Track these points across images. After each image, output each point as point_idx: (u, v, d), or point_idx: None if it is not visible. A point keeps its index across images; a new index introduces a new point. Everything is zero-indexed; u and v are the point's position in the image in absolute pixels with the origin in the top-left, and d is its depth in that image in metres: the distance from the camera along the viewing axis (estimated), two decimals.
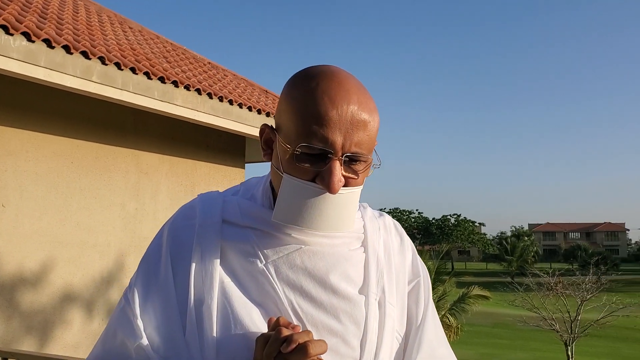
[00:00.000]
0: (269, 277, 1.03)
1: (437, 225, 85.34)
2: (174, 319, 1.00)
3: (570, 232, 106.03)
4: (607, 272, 33.03)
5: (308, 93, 0.98)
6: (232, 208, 1.09)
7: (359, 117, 0.97)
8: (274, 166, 1.05)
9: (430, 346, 1.17)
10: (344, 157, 0.98)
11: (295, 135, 0.98)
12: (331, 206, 1.00)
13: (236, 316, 1.00)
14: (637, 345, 35.70)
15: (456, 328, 23.37)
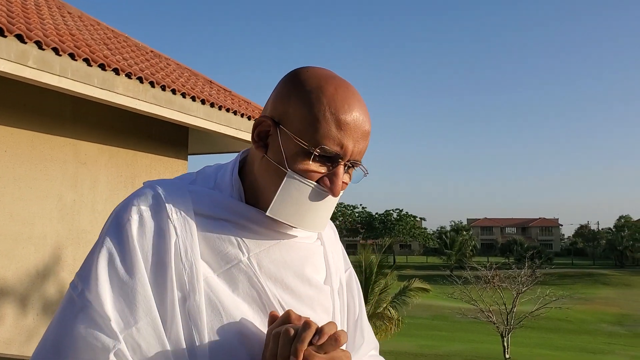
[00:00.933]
0: (252, 270, 1.02)
1: (380, 219, 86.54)
2: (154, 319, 0.95)
3: (507, 227, 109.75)
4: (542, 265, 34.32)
5: (329, 96, 1.00)
6: (201, 199, 1.05)
7: (366, 128, 1.03)
8: (270, 160, 1.03)
9: (369, 334, 1.24)
10: (348, 163, 1.03)
11: (312, 135, 0.99)
12: (325, 208, 1.04)
13: (227, 312, 0.98)
14: (568, 336, 37.37)
15: (397, 320, 23.79)
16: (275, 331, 0.93)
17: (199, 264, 0.99)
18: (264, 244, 1.06)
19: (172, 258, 0.98)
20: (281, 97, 1.04)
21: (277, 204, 1.01)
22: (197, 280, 0.97)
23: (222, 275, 1.01)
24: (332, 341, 0.91)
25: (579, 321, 42.13)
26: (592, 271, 70.43)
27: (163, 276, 0.97)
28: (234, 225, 1.05)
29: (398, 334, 24.96)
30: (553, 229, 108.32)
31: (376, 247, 30.29)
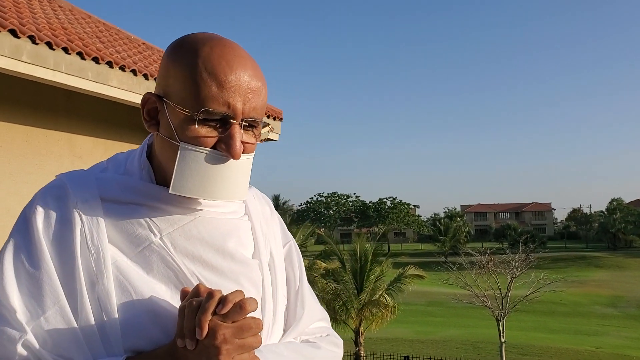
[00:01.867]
0: (167, 251, 1.02)
1: (374, 208, 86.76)
2: (63, 307, 0.95)
3: (501, 213, 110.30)
4: (535, 250, 34.52)
5: (204, 57, 0.97)
6: (109, 185, 1.05)
7: (255, 84, 0.99)
8: (163, 136, 1.01)
9: (312, 305, 1.23)
10: (243, 123, 0.99)
11: (193, 99, 0.96)
12: (232, 174, 1.00)
13: (138, 293, 0.98)
14: (562, 319, 37.76)
15: (393, 307, 23.96)
16: (181, 305, 0.93)
17: (106, 249, 0.99)
18: (178, 222, 1.04)
19: (78, 245, 0.98)
20: (162, 71, 1.03)
21: (178, 179, 0.98)
22: (104, 265, 0.97)
23: (134, 258, 1.00)
24: (237, 309, 0.90)
25: (573, 304, 42.56)
26: (585, 254, 71.03)
27: (70, 264, 0.97)
28: (143, 208, 1.03)
29: (394, 320, 25.15)
30: (546, 213, 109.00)
31: (370, 235, 30.42)
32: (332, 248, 27.32)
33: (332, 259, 27.23)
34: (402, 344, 27.66)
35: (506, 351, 22.50)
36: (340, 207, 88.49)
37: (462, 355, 24.37)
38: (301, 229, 30.34)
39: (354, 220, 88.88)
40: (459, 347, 27.32)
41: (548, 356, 25.32)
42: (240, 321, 0.91)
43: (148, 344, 0.96)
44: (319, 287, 25.30)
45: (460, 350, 26.69)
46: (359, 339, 24.49)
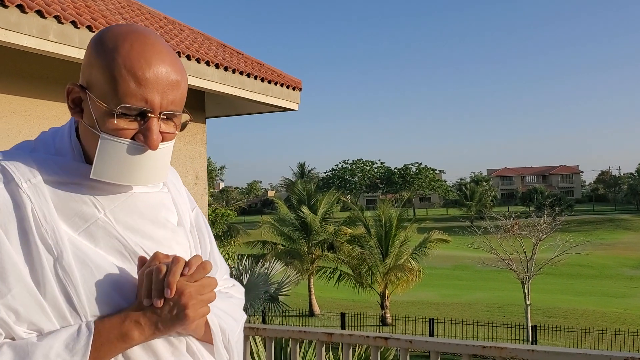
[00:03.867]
0: (110, 224, 1.11)
1: (399, 174, 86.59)
2: (27, 284, 1.01)
3: (527, 176, 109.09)
4: (562, 213, 34.33)
5: (124, 54, 1.04)
6: (48, 166, 1.10)
7: (172, 78, 1.07)
8: (86, 125, 1.09)
9: (221, 261, 1.37)
10: (161, 115, 1.07)
11: (113, 95, 1.03)
12: (150, 161, 1.09)
13: (95, 265, 1.07)
14: (588, 281, 37.66)
15: (418, 271, 24.24)
16: (148, 270, 1.04)
17: (59, 227, 1.05)
18: (116, 199, 1.13)
19: (32, 225, 1.03)
20: (86, 63, 1.09)
21: (98, 165, 1.06)
22: (61, 241, 1.04)
23: (82, 234, 1.08)
24: (200, 270, 1.06)
25: (600, 266, 42.34)
26: (613, 217, 70.11)
27: (27, 243, 1.02)
28: (83, 187, 1.10)
29: (419, 284, 25.46)
30: (574, 176, 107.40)
31: (395, 201, 30.48)
32: (357, 214, 27.57)
33: (358, 225, 27.52)
34: (428, 307, 28.01)
35: (532, 313, 22.69)
36: (365, 173, 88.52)
37: (487, 318, 24.62)
38: (326, 196, 30.60)
39: (379, 187, 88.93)
40: (484, 310, 27.58)
41: (574, 318, 25.41)
42: (201, 280, 1.06)
43: (111, 309, 1.06)
44: (345, 252, 25.67)
45: (485, 312, 26.95)
46: (385, 302, 24.90)
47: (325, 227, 27.75)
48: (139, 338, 1.05)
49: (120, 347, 1.04)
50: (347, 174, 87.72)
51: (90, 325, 1.03)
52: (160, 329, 1.05)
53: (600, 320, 24.95)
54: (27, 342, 0.99)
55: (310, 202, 29.62)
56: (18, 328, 1.00)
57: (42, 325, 1.01)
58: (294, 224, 28.02)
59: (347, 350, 3.13)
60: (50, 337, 1.00)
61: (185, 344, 1.13)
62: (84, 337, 1.01)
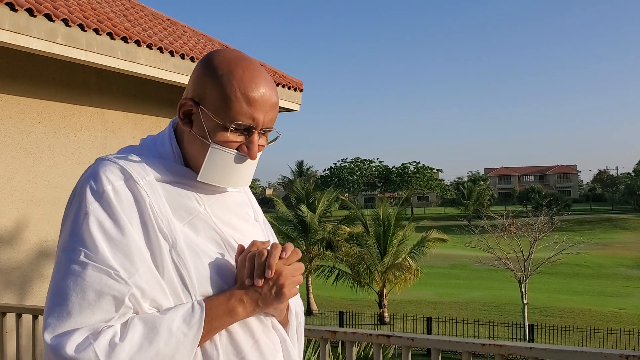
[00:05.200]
0: (209, 217, 1.29)
1: (397, 173, 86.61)
2: (150, 267, 1.16)
3: (525, 176, 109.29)
4: (559, 212, 34.40)
5: (238, 78, 1.22)
6: (157, 167, 1.26)
7: (273, 100, 1.26)
8: (196, 134, 1.25)
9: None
10: (261, 131, 1.27)
11: (227, 112, 1.21)
12: (247, 168, 1.29)
13: (202, 251, 1.24)
14: (585, 280, 37.79)
15: (416, 270, 24.31)
16: (250, 254, 1.22)
17: (172, 218, 1.22)
18: (212, 196, 1.32)
19: (151, 216, 1.19)
20: (199, 81, 1.26)
21: (206, 170, 1.25)
22: (175, 230, 1.21)
23: (186, 225, 1.25)
24: (294, 254, 1.26)
25: (597, 266, 42.48)
26: (610, 216, 70.31)
27: (148, 232, 1.18)
28: (186, 185, 1.28)
29: (417, 283, 25.55)
30: (571, 175, 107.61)
31: (394, 200, 30.60)
32: (355, 213, 27.65)
33: (356, 223, 27.59)
34: (426, 306, 28.12)
35: (529, 312, 22.81)
36: (363, 172, 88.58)
37: (485, 317, 24.74)
38: (325, 194, 30.68)
39: (378, 185, 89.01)
40: (481, 309, 27.69)
41: (571, 317, 25.54)
42: (294, 263, 1.26)
43: (215, 289, 1.23)
44: (343, 251, 25.74)
45: (483, 311, 27.06)
46: (383, 301, 24.99)
47: (323, 225, 27.81)
48: (242, 313, 1.22)
49: (227, 321, 1.21)
50: (345, 173, 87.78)
51: (201, 302, 1.19)
52: (260, 306, 1.23)
53: (597, 319, 25.09)
54: (154, 316, 1.14)
55: (309, 200, 29.69)
56: (144, 304, 1.15)
57: (161, 302, 1.17)
58: (293, 222, 28.09)
59: (350, 348, 3.21)
60: (171, 312, 1.15)
61: (271, 322, 1.31)
62: (198, 312, 1.17)
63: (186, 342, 1.14)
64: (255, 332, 1.25)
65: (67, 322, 1.11)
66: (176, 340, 1.13)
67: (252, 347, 1.24)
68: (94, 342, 1.09)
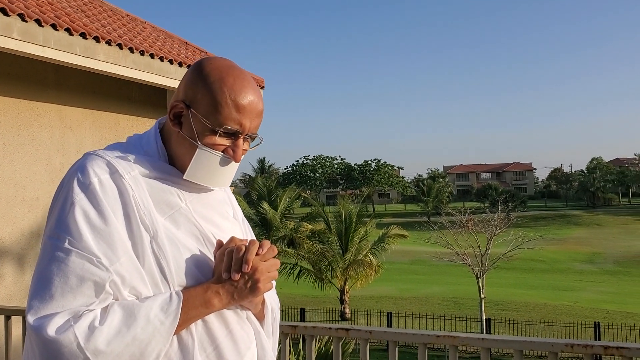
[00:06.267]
0: (190, 212, 1.35)
1: (359, 170, 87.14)
2: (131, 256, 1.23)
3: (482, 173, 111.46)
4: (515, 209, 35.30)
5: (229, 86, 1.30)
6: (141, 163, 1.33)
7: (259, 108, 1.35)
8: (185, 135, 1.33)
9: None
10: (247, 136, 1.35)
11: (217, 117, 1.29)
12: (230, 170, 1.37)
13: (181, 244, 1.30)
14: (541, 275, 38.84)
15: (377, 266, 24.56)
16: (229, 249, 1.29)
17: (154, 211, 1.29)
18: (193, 194, 1.38)
19: (134, 209, 1.25)
20: (191, 85, 1.34)
21: (192, 170, 1.33)
22: (156, 223, 1.27)
23: (168, 219, 1.31)
24: (270, 251, 1.33)
25: (552, 261, 43.70)
26: (564, 212, 72.42)
27: (130, 223, 1.25)
28: (169, 182, 1.35)
29: (378, 279, 25.82)
30: (527, 173, 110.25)
31: (355, 197, 30.85)
32: (317, 210, 27.75)
33: (318, 220, 27.69)
34: (386, 302, 28.45)
35: (486, 307, 23.29)
36: (325, 169, 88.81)
37: (443, 311, 25.19)
38: (287, 191, 30.69)
39: (339, 183, 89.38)
40: (440, 304, 28.18)
41: (527, 311, 26.21)
42: (270, 260, 1.33)
43: (193, 281, 1.29)
44: (305, 248, 25.81)
45: (441, 306, 27.54)
46: (344, 297, 25.17)
47: (285, 223, 27.83)
48: (218, 305, 1.28)
49: (203, 311, 1.27)
50: (307, 170, 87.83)
51: (179, 293, 1.25)
52: (235, 299, 1.29)
53: (551, 313, 25.81)
54: (133, 303, 1.20)
55: (271, 198, 29.65)
56: (124, 291, 1.21)
57: (140, 290, 1.23)
58: (254, 220, 28.01)
59: (310, 342, 3.27)
60: (150, 300, 1.21)
61: (246, 315, 1.37)
62: (175, 302, 1.23)
63: (163, 329, 1.20)
64: (230, 323, 1.31)
65: (50, 305, 1.16)
66: (153, 327, 1.18)
67: (226, 336, 1.30)
68: (75, 325, 1.14)
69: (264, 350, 1.38)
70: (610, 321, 21.59)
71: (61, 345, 1.12)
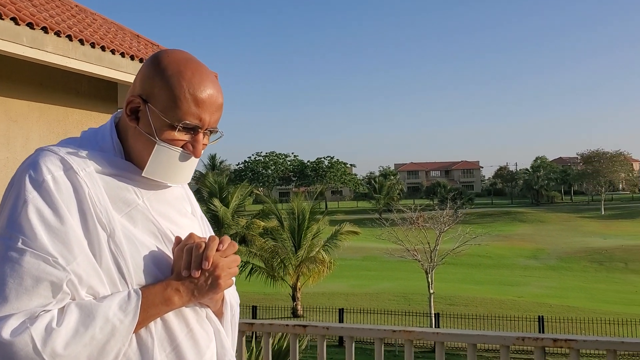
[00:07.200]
0: (148, 210, 1.32)
1: (312, 167, 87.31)
2: (87, 255, 1.19)
3: (432, 171, 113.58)
4: (463, 206, 36.07)
5: (187, 80, 1.26)
6: (98, 159, 1.29)
7: (219, 102, 1.32)
8: (142, 131, 1.29)
9: None
10: (206, 131, 1.32)
11: (176, 112, 1.26)
12: (190, 165, 1.34)
13: (139, 242, 1.27)
14: (488, 270, 39.93)
15: (329, 263, 24.71)
16: (188, 246, 1.26)
17: (110, 209, 1.25)
18: (151, 189, 1.35)
19: (90, 206, 1.22)
20: (148, 79, 1.30)
21: (151, 167, 1.30)
22: (113, 221, 1.24)
23: (124, 217, 1.28)
24: (231, 247, 1.30)
25: (498, 256, 44.96)
26: (510, 210, 74.57)
27: (86, 221, 1.21)
28: (126, 178, 1.31)
29: (330, 275, 25.97)
30: (474, 171, 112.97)
31: (308, 194, 30.93)
32: (270, 207, 27.66)
33: (271, 217, 27.61)
34: (338, 298, 28.64)
35: (435, 301, 23.74)
36: (278, 166, 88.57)
37: (394, 307, 25.55)
38: (239, 188, 30.46)
39: (292, 180, 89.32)
40: (391, 299, 28.58)
41: (474, 306, 26.88)
42: (230, 256, 1.30)
43: (151, 279, 1.26)
44: (257, 245, 25.70)
45: (392, 301, 27.94)
46: (296, 294, 25.20)
47: (237, 220, 27.64)
48: (178, 302, 1.26)
49: (163, 309, 1.24)
50: (260, 167, 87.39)
51: (138, 291, 1.22)
52: (195, 296, 1.27)
53: (497, 307, 26.54)
54: (90, 302, 1.17)
55: (222, 195, 29.36)
56: (81, 291, 1.18)
57: (98, 290, 1.20)
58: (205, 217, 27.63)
59: (267, 339, 3.27)
60: (108, 300, 1.18)
61: (205, 313, 1.35)
62: (134, 300, 1.20)
63: (122, 328, 1.17)
64: (190, 322, 1.29)
65: (4, 307, 1.12)
66: (112, 326, 1.16)
67: (186, 335, 1.28)
68: (31, 327, 1.11)
69: (224, 349, 1.36)
70: (553, 315, 22.41)
71: (17, 348, 1.09)
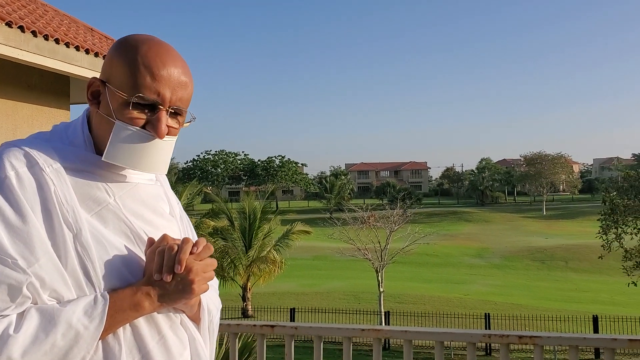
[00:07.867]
0: (119, 209, 1.24)
1: (263, 166, 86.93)
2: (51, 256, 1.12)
3: (381, 171, 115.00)
4: (412, 205, 36.69)
5: (142, 53, 1.20)
6: (66, 154, 1.21)
7: (182, 79, 1.23)
8: (102, 114, 1.22)
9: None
10: (170, 110, 1.22)
11: (130, 86, 1.18)
12: (156, 151, 1.23)
13: (109, 243, 1.19)
14: (435, 269, 40.75)
15: (280, 262, 24.63)
16: (160, 249, 1.18)
17: (78, 208, 1.17)
18: (124, 187, 1.27)
19: (56, 205, 1.14)
20: (107, 61, 1.26)
21: (111, 149, 1.20)
22: (80, 220, 1.16)
23: (94, 216, 1.20)
24: (206, 250, 1.23)
25: (445, 255, 45.97)
26: (456, 209, 76.38)
27: (51, 221, 1.13)
28: (96, 175, 1.23)
29: (281, 275, 25.89)
30: (422, 171, 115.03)
31: (259, 193, 30.73)
32: (220, 206, 27.32)
33: (221, 217, 27.26)
34: (289, 297, 28.61)
35: (384, 300, 24.04)
36: (228, 165, 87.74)
37: (344, 305, 25.73)
38: (187, 187, 29.89)
39: (243, 179, 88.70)
40: (341, 298, 28.77)
41: (422, 303, 27.36)
42: (205, 259, 1.22)
43: (120, 283, 1.19)
44: None
45: (342, 300, 28.13)
46: (247, 295, 25.02)
47: None
48: (148, 308, 1.18)
49: (132, 315, 1.17)
50: (209, 165, 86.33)
51: (105, 295, 1.15)
52: (167, 301, 1.19)
53: (444, 305, 27.09)
54: (53, 307, 1.10)
55: None
56: (44, 295, 1.11)
57: (62, 293, 1.13)
58: None
59: (233, 340, 3.23)
60: (72, 304, 1.11)
61: (180, 319, 1.27)
62: (101, 305, 1.13)
63: (86, 334, 1.10)
64: (162, 328, 1.22)
65: None
66: (75, 332, 1.09)
67: (157, 342, 1.21)
68: None
69: (199, 357, 1.29)
70: (498, 312, 23.02)
71: None
